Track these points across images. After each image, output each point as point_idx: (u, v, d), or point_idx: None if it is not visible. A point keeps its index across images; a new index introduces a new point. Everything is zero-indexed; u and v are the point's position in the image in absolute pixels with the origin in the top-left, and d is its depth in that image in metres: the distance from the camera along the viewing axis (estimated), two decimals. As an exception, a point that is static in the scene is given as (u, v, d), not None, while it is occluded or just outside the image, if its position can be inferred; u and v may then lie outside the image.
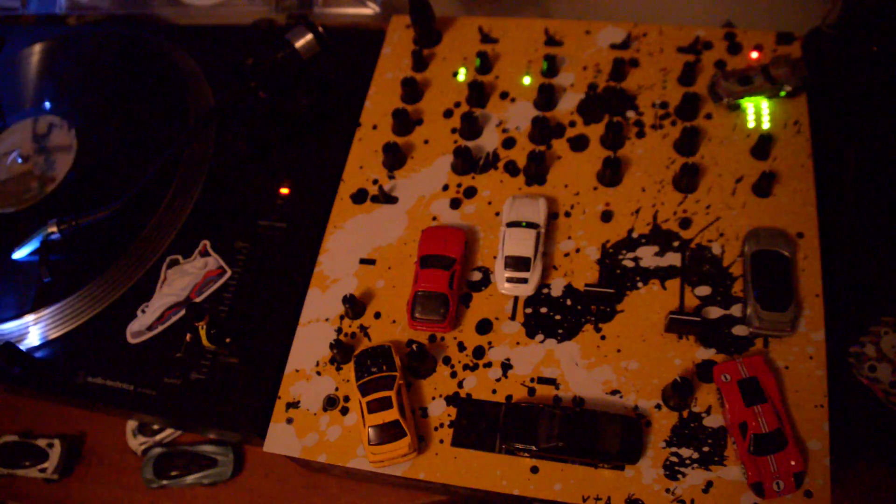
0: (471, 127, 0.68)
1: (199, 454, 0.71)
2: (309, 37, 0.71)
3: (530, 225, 0.60)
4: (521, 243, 0.60)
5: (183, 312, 0.65)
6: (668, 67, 0.69)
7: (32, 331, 0.67)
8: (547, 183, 0.65)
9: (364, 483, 0.68)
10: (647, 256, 0.60)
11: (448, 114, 0.70)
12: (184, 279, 0.66)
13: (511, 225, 0.61)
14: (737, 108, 0.66)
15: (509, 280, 0.59)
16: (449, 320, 0.58)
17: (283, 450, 0.57)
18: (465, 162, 0.66)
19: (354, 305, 0.60)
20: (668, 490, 0.51)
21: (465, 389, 0.57)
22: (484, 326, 0.59)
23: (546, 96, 0.68)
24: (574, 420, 0.52)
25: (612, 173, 0.63)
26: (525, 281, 0.59)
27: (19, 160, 0.77)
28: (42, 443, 0.73)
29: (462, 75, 0.72)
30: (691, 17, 0.87)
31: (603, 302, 0.58)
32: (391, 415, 0.54)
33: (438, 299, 0.58)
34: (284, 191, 0.70)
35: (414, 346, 0.56)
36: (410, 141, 0.69)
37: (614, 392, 0.55)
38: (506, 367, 0.57)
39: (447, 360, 0.58)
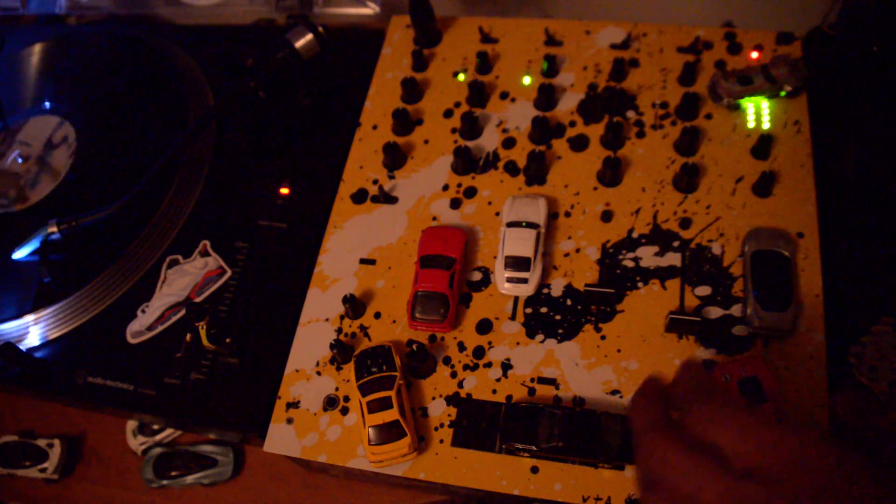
0: (471, 127, 0.68)
1: (199, 454, 0.71)
2: (309, 37, 0.71)
3: (530, 225, 0.60)
4: (521, 243, 0.60)
5: (183, 312, 0.65)
6: (668, 67, 0.69)
7: (32, 331, 0.67)
8: (547, 183, 0.65)
9: (364, 483, 0.68)
10: (648, 256, 0.60)
11: (448, 114, 0.70)
12: (184, 279, 0.66)
13: (511, 225, 0.61)
14: (737, 108, 0.66)
15: (509, 280, 0.59)
16: (449, 320, 0.58)
17: (283, 450, 0.57)
18: (465, 162, 0.66)
19: (354, 305, 0.60)
20: (668, 490, 0.51)
21: (465, 389, 0.57)
22: (484, 326, 0.59)
23: (546, 96, 0.68)
24: (574, 420, 0.52)
25: (612, 173, 0.63)
26: (525, 281, 0.59)
27: (19, 160, 0.77)
28: (42, 443, 0.73)
29: (462, 75, 0.72)
30: (691, 17, 0.87)
31: (603, 302, 0.58)
32: (391, 415, 0.54)
33: (438, 299, 0.58)
34: (284, 191, 0.70)
35: (414, 346, 0.56)
36: (410, 141, 0.69)
37: (614, 392, 0.55)
38: (506, 366, 0.57)
39: (447, 360, 0.58)
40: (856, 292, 0.61)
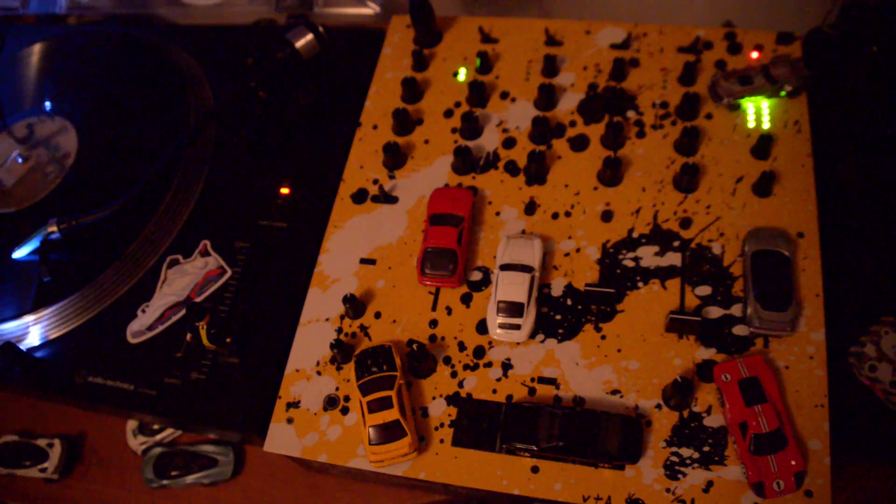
0: (471, 127, 0.68)
1: (199, 454, 0.71)
2: (309, 37, 0.71)
3: (524, 268, 0.59)
4: (515, 288, 0.58)
5: (183, 312, 0.65)
6: (669, 67, 0.69)
7: (32, 331, 0.67)
8: (547, 183, 0.65)
9: (364, 483, 0.68)
10: (648, 256, 0.60)
11: (448, 114, 0.70)
12: (184, 279, 0.66)
13: (505, 268, 0.59)
14: (737, 108, 0.66)
15: (501, 326, 0.57)
16: (457, 275, 0.59)
17: (284, 450, 0.57)
18: (466, 162, 0.66)
19: (355, 305, 0.60)
20: (668, 490, 0.51)
21: (466, 389, 0.57)
22: (484, 326, 0.59)
23: (546, 96, 0.68)
24: (574, 420, 0.52)
25: (612, 173, 0.63)
26: (518, 327, 0.57)
27: (19, 160, 0.77)
28: (42, 443, 0.73)
29: (462, 75, 0.72)
30: (691, 17, 0.87)
31: (603, 302, 0.58)
32: (391, 414, 0.54)
33: (447, 255, 0.59)
34: (284, 191, 0.70)
35: (414, 346, 0.56)
36: (410, 141, 0.69)
37: (614, 392, 0.55)
38: (506, 366, 0.57)
39: (447, 360, 0.58)
40: (856, 292, 0.61)
